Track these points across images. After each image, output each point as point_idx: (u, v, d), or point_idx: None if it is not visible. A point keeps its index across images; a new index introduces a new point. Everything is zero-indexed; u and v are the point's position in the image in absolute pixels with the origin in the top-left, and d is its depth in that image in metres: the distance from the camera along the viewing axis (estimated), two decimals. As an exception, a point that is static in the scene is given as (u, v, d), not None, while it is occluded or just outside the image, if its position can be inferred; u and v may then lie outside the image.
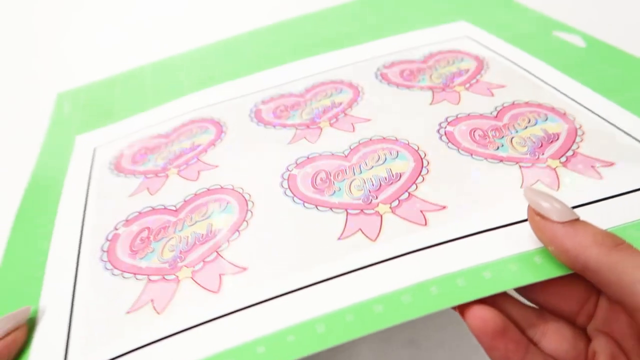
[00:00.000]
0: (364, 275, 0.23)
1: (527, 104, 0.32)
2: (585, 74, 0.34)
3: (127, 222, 0.29)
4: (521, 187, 0.26)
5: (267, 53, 0.44)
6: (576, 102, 0.32)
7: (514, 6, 0.44)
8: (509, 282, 0.22)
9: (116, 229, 0.28)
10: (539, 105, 0.32)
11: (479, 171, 0.28)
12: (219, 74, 0.43)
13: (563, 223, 0.21)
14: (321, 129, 0.33)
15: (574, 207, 0.24)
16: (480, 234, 0.24)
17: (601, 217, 0.23)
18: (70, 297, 0.25)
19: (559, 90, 0.33)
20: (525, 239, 0.23)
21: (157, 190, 0.31)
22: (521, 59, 0.37)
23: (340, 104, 0.35)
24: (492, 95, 0.33)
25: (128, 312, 0.23)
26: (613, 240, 0.20)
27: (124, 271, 0.26)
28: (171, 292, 0.24)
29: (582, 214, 0.22)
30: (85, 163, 0.36)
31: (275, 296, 0.22)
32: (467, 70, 0.36)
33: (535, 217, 0.22)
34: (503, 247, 0.23)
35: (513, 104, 0.32)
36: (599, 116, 0.30)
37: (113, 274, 0.26)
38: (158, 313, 0.23)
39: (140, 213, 0.29)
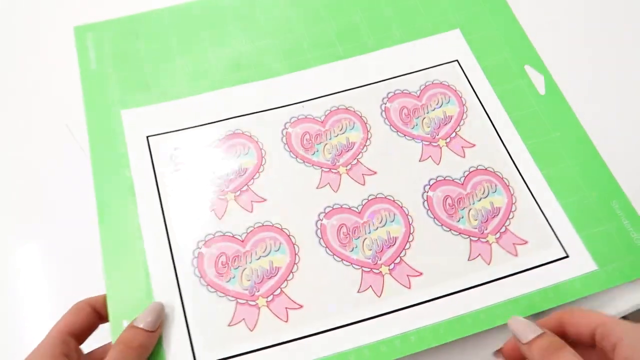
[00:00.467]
0: (373, 323, 0.38)
1: (486, 170, 0.46)
2: (532, 136, 0.46)
3: (206, 242, 0.40)
4: (468, 260, 0.42)
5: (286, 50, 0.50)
6: (519, 172, 0.44)
7: (505, 15, 0.52)
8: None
9: (199, 248, 0.41)
10: (494, 174, 0.45)
11: (445, 242, 0.41)
12: (245, 62, 0.49)
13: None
14: (340, 176, 0.44)
15: (497, 279, 0.40)
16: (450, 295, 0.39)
17: (511, 288, 0.39)
18: (181, 308, 0.38)
19: (510, 157, 0.45)
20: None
21: (222, 215, 0.42)
22: (490, 104, 0.48)
23: (354, 144, 0.46)
24: (464, 156, 0.46)
25: (229, 325, 0.37)
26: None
27: (218, 290, 0.38)
28: (255, 315, 0.38)
29: (500, 285, 0.39)
30: (144, 155, 0.44)
31: (322, 331, 0.38)
32: (450, 118, 0.48)
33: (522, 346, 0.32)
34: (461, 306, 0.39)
35: (477, 169, 0.46)
36: (530, 193, 0.43)
37: (209, 291, 0.39)
38: (250, 330, 0.37)
39: (214, 236, 0.41)
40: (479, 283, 0.40)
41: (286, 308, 0.38)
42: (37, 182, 0.44)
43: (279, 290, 0.38)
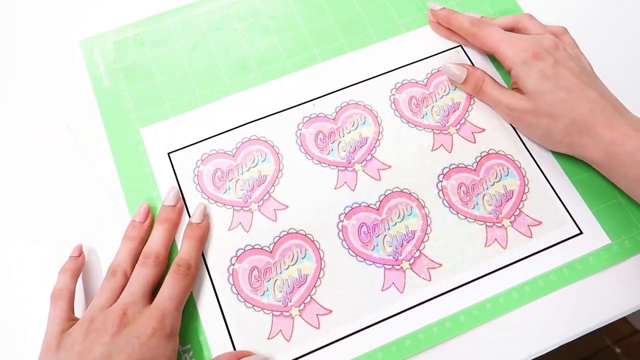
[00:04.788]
0: (399, 319, 0.39)
1: (497, 154, 0.44)
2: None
3: (238, 258, 0.41)
4: (485, 246, 0.42)
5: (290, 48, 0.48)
6: (529, 152, 0.43)
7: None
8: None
9: (232, 264, 0.41)
10: (505, 157, 0.44)
11: (461, 231, 0.41)
12: (252, 63, 0.47)
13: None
14: (356, 173, 0.44)
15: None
16: (469, 283, 0.39)
17: (527, 270, 0.39)
18: (225, 327, 0.38)
19: (520, 138, 0.43)
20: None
21: (249, 228, 0.42)
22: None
23: (367, 139, 0.45)
24: (474, 141, 0.45)
25: (268, 339, 0.39)
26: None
27: (254, 305, 0.39)
28: (290, 325, 0.39)
29: (517, 268, 0.39)
30: (168, 173, 0.43)
31: (351, 333, 0.38)
32: (459, 104, 0.46)
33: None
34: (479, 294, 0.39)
35: (488, 153, 0.45)
36: (542, 173, 0.42)
37: (246, 306, 0.40)
38: (287, 341, 0.39)
39: (244, 250, 0.41)
40: (497, 268, 0.39)
41: (317, 315, 0.38)
42: (37, 182, 0.43)
43: (309, 298, 0.39)
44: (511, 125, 0.43)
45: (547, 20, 0.46)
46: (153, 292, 0.36)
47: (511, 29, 0.43)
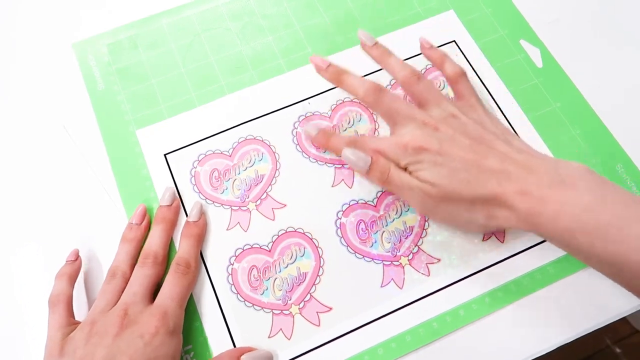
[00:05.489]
0: (399, 315, 0.39)
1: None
2: (534, 109, 0.44)
3: (237, 257, 0.41)
4: (483, 240, 0.41)
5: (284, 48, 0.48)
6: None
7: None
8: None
9: (231, 264, 0.41)
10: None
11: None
12: (247, 62, 0.47)
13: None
14: (353, 170, 0.44)
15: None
16: (468, 277, 0.39)
17: (527, 263, 0.39)
18: (225, 326, 0.38)
19: (515, 131, 0.43)
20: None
21: (247, 227, 0.42)
22: (491, 81, 0.46)
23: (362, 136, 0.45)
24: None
25: (269, 337, 0.39)
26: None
27: (254, 304, 0.39)
28: (291, 323, 0.39)
29: (512, 261, 0.39)
30: (165, 175, 0.42)
31: (351, 330, 0.38)
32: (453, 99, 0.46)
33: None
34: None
35: None
36: None
37: (246, 306, 0.40)
38: (288, 339, 0.39)
39: (243, 250, 0.41)
40: (495, 262, 0.39)
41: (317, 312, 0.38)
42: (33, 186, 0.42)
43: (308, 296, 0.39)
44: (505, 117, 0.43)
45: (544, 19, 0.46)
46: (154, 292, 0.36)
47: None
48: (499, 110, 0.44)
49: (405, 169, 0.36)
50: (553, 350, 0.37)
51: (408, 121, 0.36)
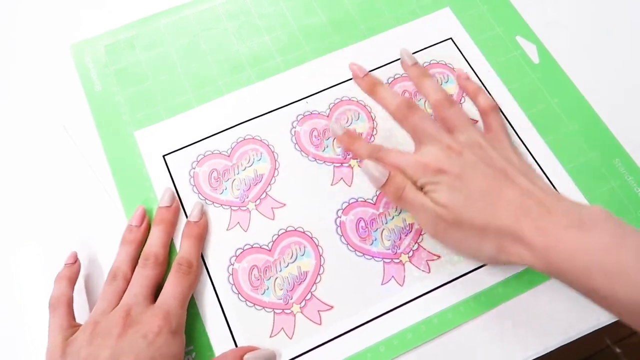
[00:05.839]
0: (400, 312, 0.39)
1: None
2: (532, 105, 0.44)
3: (237, 257, 0.41)
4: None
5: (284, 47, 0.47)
6: (522, 142, 0.43)
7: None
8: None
9: (232, 264, 0.41)
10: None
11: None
12: (244, 62, 0.47)
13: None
14: (352, 169, 0.44)
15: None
16: (468, 274, 0.40)
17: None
18: (227, 326, 0.38)
19: (513, 128, 0.43)
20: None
21: (247, 227, 0.42)
22: (488, 78, 0.46)
23: (361, 135, 0.45)
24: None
25: (271, 337, 0.39)
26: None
27: (255, 304, 0.39)
28: (292, 322, 0.39)
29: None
30: (164, 176, 0.42)
31: (353, 328, 0.38)
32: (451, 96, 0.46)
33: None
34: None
35: None
36: (536, 162, 0.42)
37: (247, 306, 0.40)
38: (290, 338, 0.39)
39: (243, 250, 0.41)
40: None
41: (318, 311, 0.38)
42: (33, 188, 0.42)
43: (309, 295, 0.38)
44: (503, 114, 0.43)
45: (540, 15, 0.46)
46: (155, 293, 0.36)
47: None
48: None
49: (421, 188, 0.35)
50: (553, 350, 0.37)
51: (433, 142, 0.36)
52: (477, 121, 0.43)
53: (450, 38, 0.46)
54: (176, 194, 0.41)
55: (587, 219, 0.30)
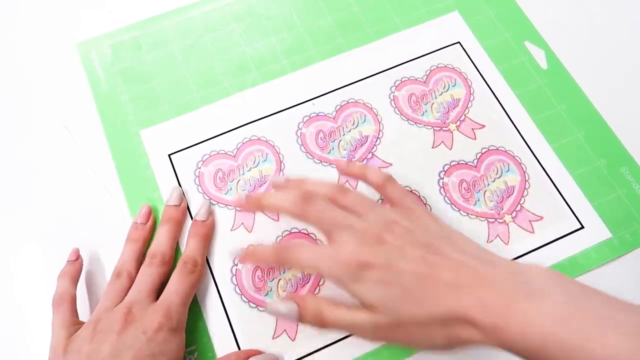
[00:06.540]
0: None
1: (497, 150, 0.44)
2: (539, 111, 0.44)
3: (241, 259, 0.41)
4: (487, 242, 0.41)
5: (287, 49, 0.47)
6: (529, 148, 0.43)
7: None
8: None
9: (235, 265, 0.41)
10: (506, 153, 0.44)
11: (463, 227, 0.40)
12: (250, 63, 0.47)
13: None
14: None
15: (515, 257, 0.39)
16: None
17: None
18: (230, 328, 0.37)
19: (520, 134, 0.43)
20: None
21: (252, 228, 0.42)
22: (496, 83, 0.46)
23: (367, 138, 0.45)
24: (475, 138, 0.45)
25: (273, 338, 0.38)
26: None
27: (258, 305, 0.39)
28: (295, 324, 0.39)
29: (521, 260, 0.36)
30: (170, 175, 0.42)
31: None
32: (458, 101, 0.46)
33: None
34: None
35: (488, 149, 0.44)
36: (542, 168, 0.42)
37: (250, 307, 0.39)
38: (292, 340, 0.38)
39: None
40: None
41: (322, 313, 0.37)
42: (37, 186, 0.42)
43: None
44: (510, 120, 0.43)
45: (548, 21, 0.46)
46: (159, 292, 0.36)
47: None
48: (503, 111, 0.43)
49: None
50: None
51: (346, 229, 0.31)
52: (483, 125, 0.43)
53: (458, 42, 0.46)
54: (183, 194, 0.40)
55: (531, 287, 0.27)
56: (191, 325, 0.36)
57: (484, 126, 0.43)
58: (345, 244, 0.30)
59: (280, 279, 0.38)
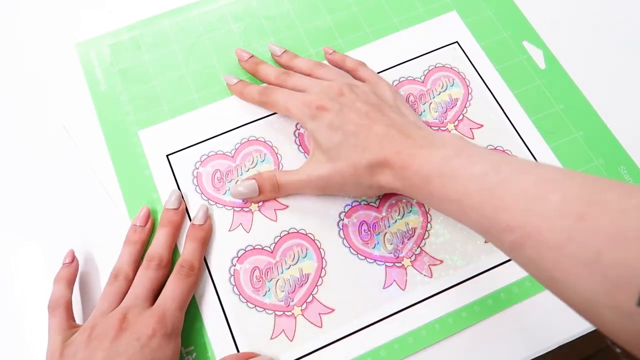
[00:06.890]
0: (401, 316, 0.39)
1: (495, 149, 0.44)
2: (537, 111, 0.44)
3: (239, 258, 0.41)
4: (485, 241, 0.41)
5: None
6: (528, 148, 0.43)
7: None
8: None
9: (233, 265, 0.41)
10: (504, 153, 0.44)
11: (462, 226, 0.41)
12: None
13: None
14: (357, 172, 0.43)
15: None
16: (471, 279, 0.39)
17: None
18: (227, 328, 0.37)
19: (518, 133, 0.43)
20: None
21: (250, 228, 0.42)
22: (493, 83, 0.46)
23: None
24: (473, 137, 0.45)
25: (271, 339, 0.39)
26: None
27: (256, 305, 0.39)
28: (293, 324, 0.39)
29: (514, 263, 0.35)
30: (168, 175, 0.42)
31: (354, 332, 0.38)
32: (456, 100, 0.46)
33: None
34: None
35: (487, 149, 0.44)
36: None
37: (248, 307, 0.39)
38: (290, 340, 0.39)
39: (245, 251, 0.41)
40: (498, 263, 0.39)
41: (319, 314, 0.38)
42: (35, 187, 0.42)
43: (311, 297, 0.38)
44: (508, 119, 0.43)
45: (547, 21, 0.46)
46: (156, 296, 0.36)
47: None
48: (501, 111, 0.43)
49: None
50: (553, 350, 0.37)
51: (315, 85, 0.39)
52: (481, 125, 0.43)
53: (456, 42, 0.46)
54: (181, 196, 0.41)
55: (438, 140, 0.33)
56: (189, 325, 0.36)
57: (482, 126, 0.43)
58: (312, 93, 0.39)
59: (278, 279, 0.38)
